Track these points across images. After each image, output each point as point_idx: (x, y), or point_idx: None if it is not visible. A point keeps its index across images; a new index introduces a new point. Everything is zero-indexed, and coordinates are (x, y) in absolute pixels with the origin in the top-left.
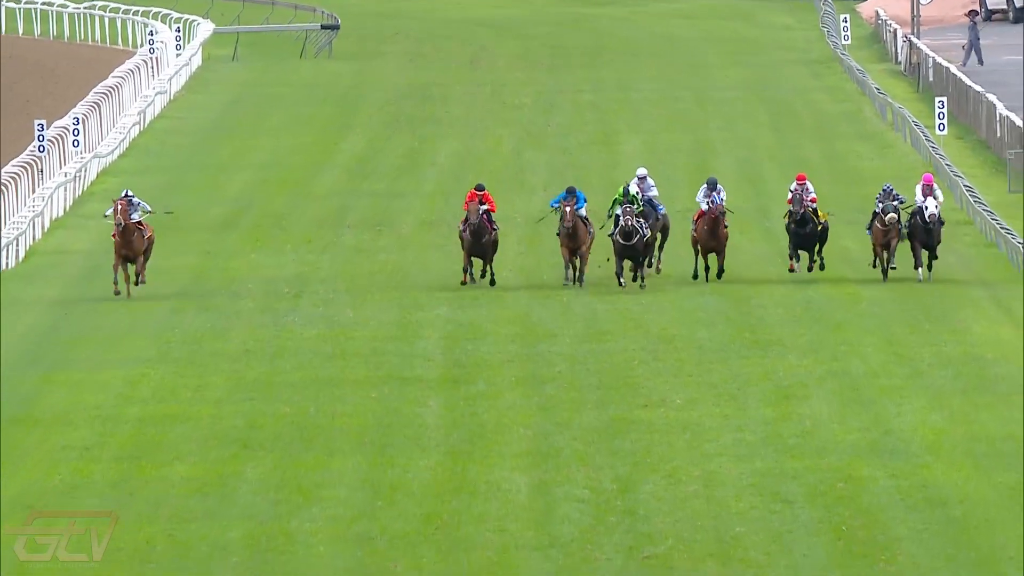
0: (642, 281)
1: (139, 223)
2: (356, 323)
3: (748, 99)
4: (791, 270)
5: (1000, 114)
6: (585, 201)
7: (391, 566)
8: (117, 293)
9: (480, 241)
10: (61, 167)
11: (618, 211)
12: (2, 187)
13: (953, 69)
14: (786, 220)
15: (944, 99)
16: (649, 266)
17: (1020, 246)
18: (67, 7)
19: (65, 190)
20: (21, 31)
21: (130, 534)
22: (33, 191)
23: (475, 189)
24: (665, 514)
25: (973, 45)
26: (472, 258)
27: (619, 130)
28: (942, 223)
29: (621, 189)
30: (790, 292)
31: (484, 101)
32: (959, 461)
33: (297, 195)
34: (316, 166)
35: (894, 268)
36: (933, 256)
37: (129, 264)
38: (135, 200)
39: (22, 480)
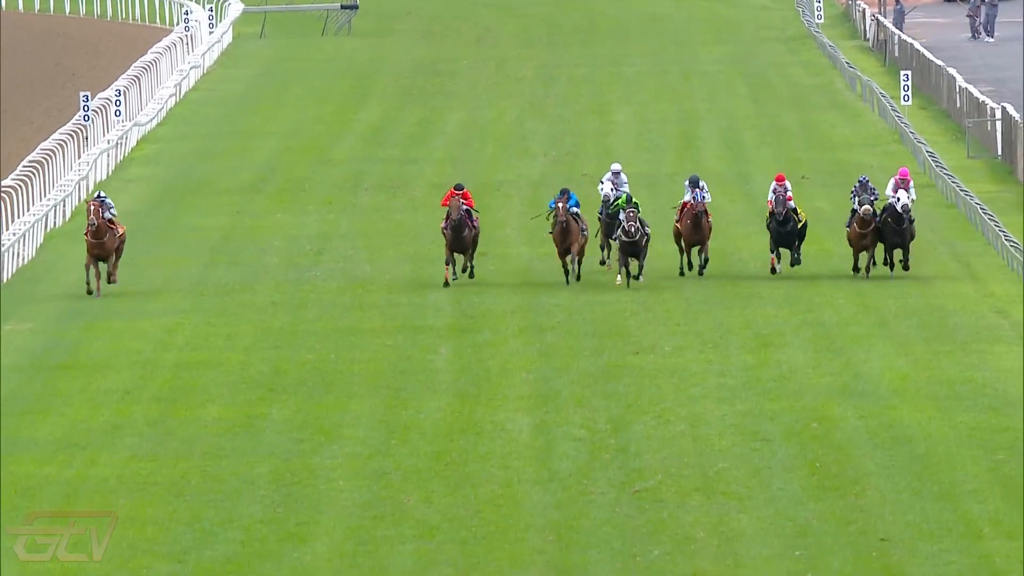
0: (640, 276)
1: (111, 222)
2: (373, 277)
3: (729, 73)
4: (773, 270)
5: (959, 86)
6: (578, 202)
7: (404, 499)
8: (90, 292)
9: (460, 235)
10: (104, 135)
11: (621, 215)
12: (51, 152)
13: (917, 45)
14: (767, 219)
15: (908, 73)
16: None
17: (978, 207)
18: None
19: (108, 156)
20: (68, 11)
21: (166, 469)
22: (79, 157)
23: (454, 188)
24: (654, 451)
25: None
26: (454, 253)
27: (611, 101)
28: (912, 220)
29: (624, 197)
30: (768, 249)
31: (489, 75)
32: (922, 403)
33: (318, 161)
34: (335, 134)
35: (865, 276)
36: (906, 253)
37: (101, 263)
38: (107, 201)
39: (68, 421)
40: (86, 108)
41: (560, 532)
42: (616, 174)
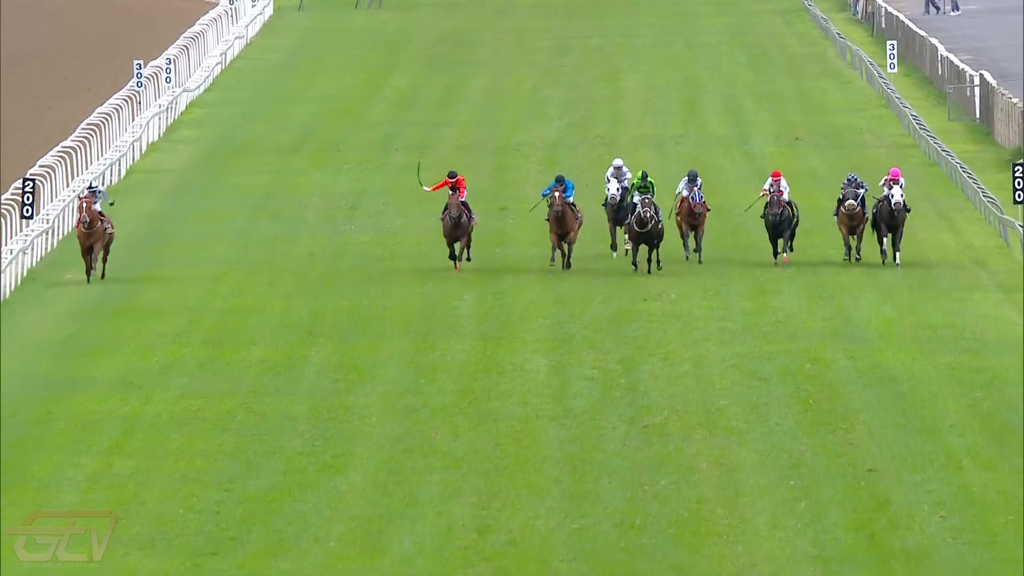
0: (659, 264)
1: (101, 214)
2: (403, 230)
3: (730, 43)
4: (775, 256)
5: (941, 55)
6: (573, 189)
7: (432, 433)
8: (88, 281)
9: (459, 225)
10: (156, 100)
11: (635, 200)
12: (107, 116)
13: (902, 17)
14: (764, 211)
15: (894, 42)
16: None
17: (958, 166)
18: None
19: (159, 119)
20: None
21: (214, 406)
22: (132, 120)
23: (448, 176)
24: (661, 390)
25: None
26: (454, 244)
27: (621, 69)
28: (908, 210)
29: (639, 174)
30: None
31: (509, 45)
32: (906, 345)
33: (352, 123)
34: (368, 99)
35: (859, 259)
36: (898, 238)
37: (91, 254)
38: (99, 191)
39: (123, 361)
40: (139, 75)
41: (574, 464)
42: (618, 168)
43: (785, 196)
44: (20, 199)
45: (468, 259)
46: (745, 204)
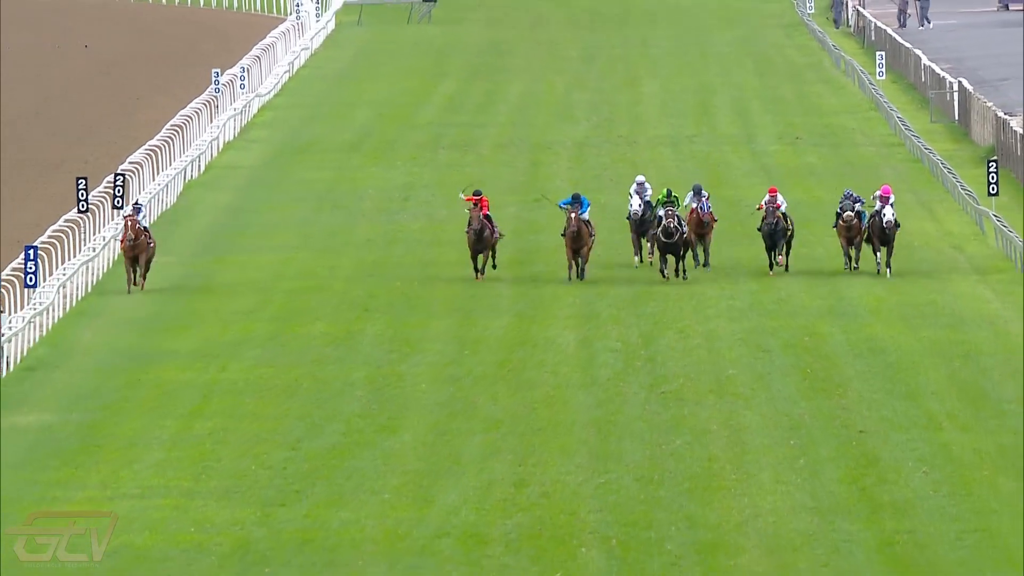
0: (684, 274)
1: (146, 229)
2: (449, 219)
3: (738, 53)
4: (771, 267)
5: (924, 64)
6: (588, 207)
7: (474, 399)
8: (129, 292)
9: (482, 238)
10: (231, 104)
11: (660, 212)
12: (189, 118)
13: (889, 31)
14: (760, 224)
15: (883, 53)
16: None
17: (939, 162)
18: None
19: (234, 121)
20: (202, 3)
21: (282, 375)
22: (211, 121)
23: (473, 194)
24: (677, 360)
25: (906, 12)
26: (477, 255)
27: (641, 76)
28: (898, 226)
29: (664, 191)
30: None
31: (542, 55)
32: (893, 321)
33: (404, 125)
34: (418, 103)
35: (856, 268)
36: (890, 252)
37: (136, 265)
38: (142, 209)
39: (203, 335)
40: (217, 82)
41: (600, 426)
42: (641, 185)
43: (782, 209)
44: (112, 192)
45: (494, 267)
46: (751, 197)
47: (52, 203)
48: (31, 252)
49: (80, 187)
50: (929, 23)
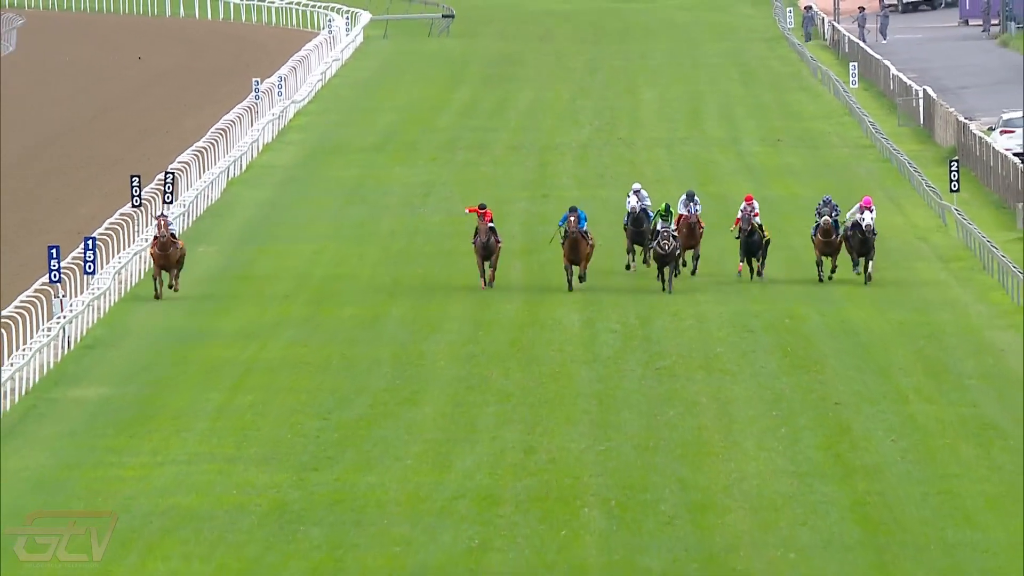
0: (670, 285)
1: (174, 236)
2: (465, 213)
3: (726, 64)
4: (740, 272)
5: (892, 74)
6: (586, 220)
7: (488, 374)
8: (157, 297)
9: (487, 248)
10: (270, 109)
11: (659, 227)
12: (231, 122)
13: (861, 44)
14: (736, 232)
15: (855, 63)
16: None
17: (906, 162)
18: (274, 3)
19: (272, 125)
20: (244, 19)
21: (315, 353)
22: (251, 125)
23: (478, 207)
24: (670, 340)
25: (870, 27)
26: (484, 263)
27: (640, 85)
28: (875, 234)
29: (664, 205)
30: (754, 192)
31: (550, 65)
32: (865, 305)
33: (425, 128)
34: (437, 109)
35: (831, 277)
36: (869, 260)
37: (165, 272)
38: (171, 220)
39: (243, 317)
40: (257, 90)
41: (601, 398)
42: (637, 192)
43: (757, 220)
44: (162, 188)
45: (493, 278)
46: (737, 193)
47: (109, 199)
48: (90, 242)
49: (134, 184)
50: (885, 38)
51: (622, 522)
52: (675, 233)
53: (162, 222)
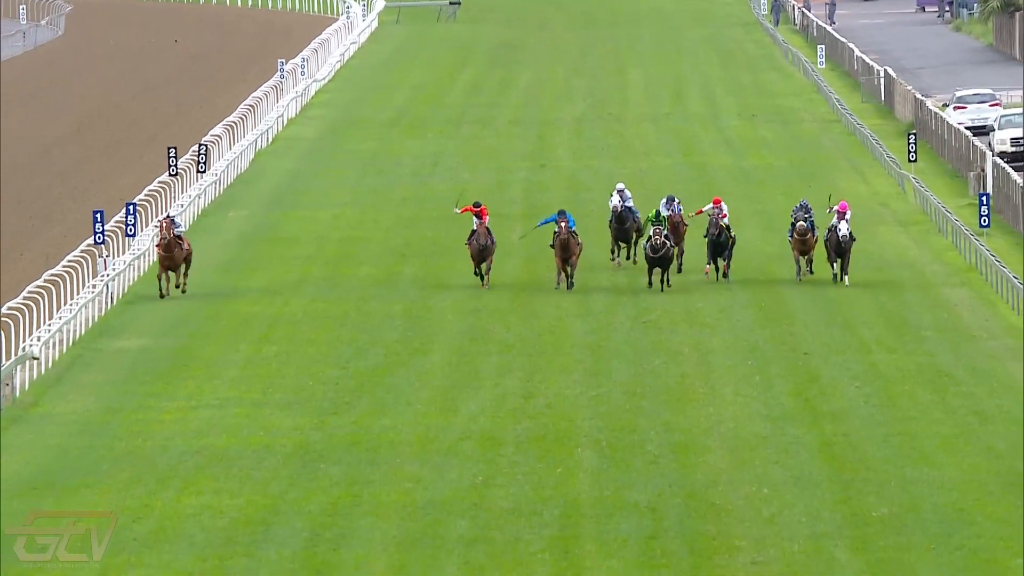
0: (668, 283)
1: (179, 237)
2: (471, 181)
3: (706, 48)
4: (707, 273)
5: (856, 55)
6: (574, 223)
7: (490, 327)
8: (162, 297)
9: (482, 250)
10: (294, 87)
11: (650, 231)
12: (259, 99)
13: (828, 28)
14: (705, 232)
15: (823, 46)
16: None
17: (868, 135)
18: None
19: (296, 102)
20: (270, 6)
21: (334, 308)
22: (277, 102)
23: (472, 205)
24: (655, 296)
25: (829, 10)
26: (479, 264)
27: (628, 67)
28: (853, 240)
29: (654, 212)
30: (732, 163)
31: (547, 49)
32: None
33: (434, 104)
34: (445, 87)
35: (811, 274)
36: (845, 264)
37: (171, 273)
38: (176, 221)
39: (269, 276)
40: (282, 70)
41: (593, 349)
42: (620, 191)
43: (725, 220)
44: (196, 159)
45: (487, 283)
46: (716, 163)
47: (148, 168)
48: (131, 208)
49: (171, 155)
50: (833, 22)
51: (612, 461)
52: (668, 233)
53: (165, 223)
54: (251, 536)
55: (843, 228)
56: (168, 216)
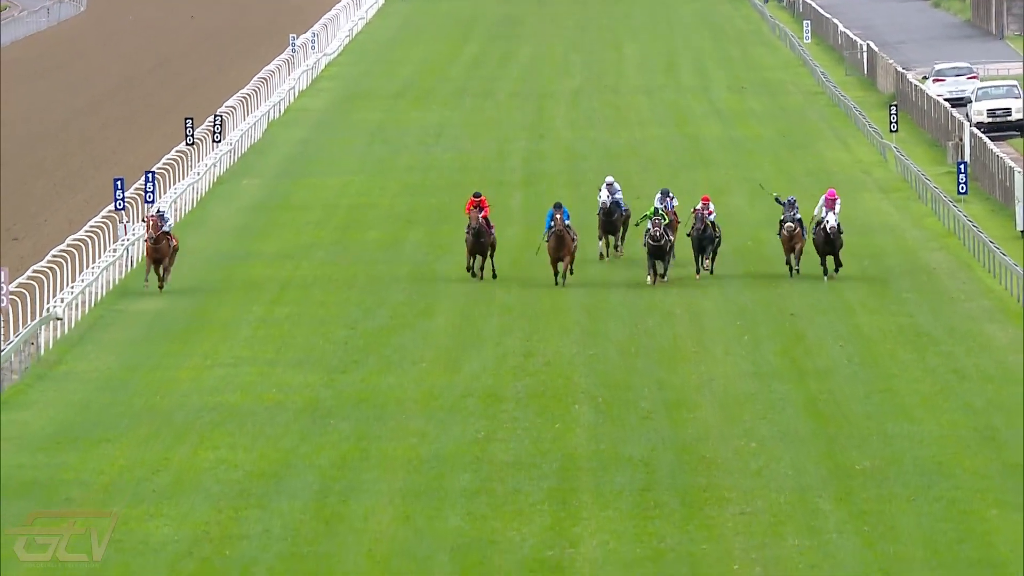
0: (665, 274)
1: (167, 233)
2: (472, 151)
3: (697, 24)
4: (697, 277)
5: (840, 30)
6: (569, 216)
7: (492, 289)
8: (147, 287)
9: (480, 241)
10: (304, 61)
11: (648, 224)
12: (272, 72)
13: (813, 4)
14: (690, 231)
15: (808, 21)
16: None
17: (852, 106)
18: None
19: (306, 74)
20: None
21: (343, 271)
22: (289, 75)
23: (473, 196)
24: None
25: None
26: (475, 255)
27: (624, 41)
28: (841, 232)
29: (652, 209)
30: (722, 133)
31: (546, 24)
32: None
33: (438, 77)
34: (448, 63)
35: (798, 271)
36: (837, 261)
37: (158, 265)
38: (166, 216)
39: (281, 241)
40: (293, 45)
41: (590, 310)
42: (609, 185)
43: (712, 217)
44: (212, 129)
45: (494, 275)
46: (707, 134)
47: (166, 138)
48: (149, 175)
49: (188, 125)
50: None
51: (607, 416)
52: (668, 226)
53: (151, 222)
54: (264, 488)
55: (831, 219)
56: (158, 213)
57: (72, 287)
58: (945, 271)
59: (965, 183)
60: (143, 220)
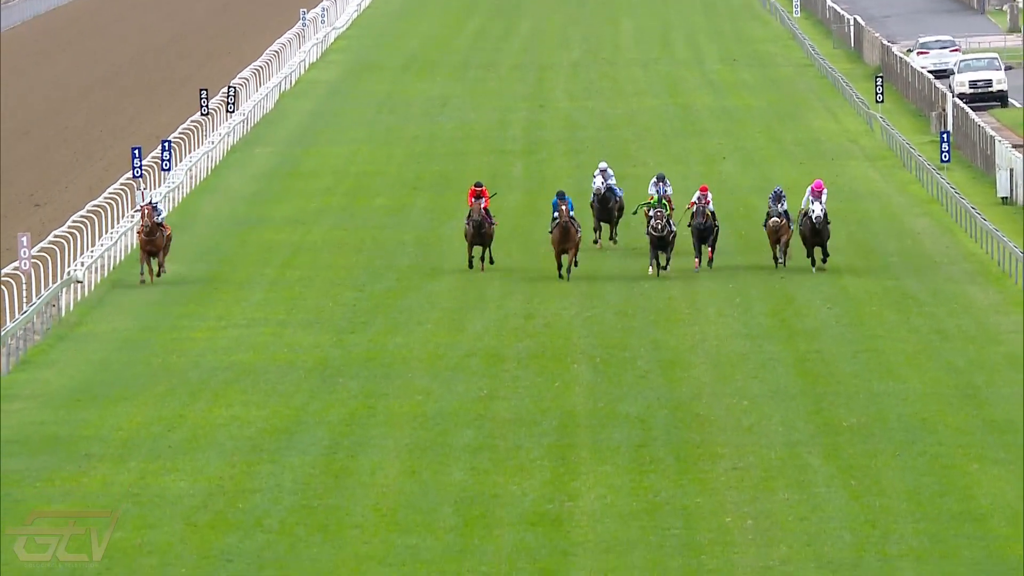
0: (667, 264)
1: (161, 224)
2: (476, 120)
3: (693, 2)
4: (696, 268)
5: (828, 5)
6: (572, 206)
7: (494, 254)
8: (143, 282)
9: (480, 232)
10: (315, 34)
11: (651, 214)
12: (284, 45)
13: None
14: (689, 221)
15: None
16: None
17: (840, 78)
18: None
19: (316, 48)
20: None
21: (351, 236)
22: (300, 47)
23: (474, 186)
24: (643, 227)
25: None
26: (474, 246)
27: (620, 16)
28: (828, 223)
29: (656, 198)
30: (714, 103)
31: (547, 1)
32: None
33: (442, 51)
34: (453, 36)
35: (783, 264)
36: (824, 252)
37: (152, 258)
38: (159, 207)
39: (293, 206)
40: (304, 19)
41: (588, 274)
42: (603, 171)
43: (710, 208)
44: (226, 100)
45: (491, 261)
46: (700, 104)
47: (182, 108)
48: (166, 144)
49: (202, 96)
50: None
51: (605, 376)
52: (670, 216)
53: (146, 211)
54: (275, 444)
55: (817, 209)
56: (150, 203)
57: (92, 251)
58: (928, 236)
59: (948, 152)
60: (137, 209)
